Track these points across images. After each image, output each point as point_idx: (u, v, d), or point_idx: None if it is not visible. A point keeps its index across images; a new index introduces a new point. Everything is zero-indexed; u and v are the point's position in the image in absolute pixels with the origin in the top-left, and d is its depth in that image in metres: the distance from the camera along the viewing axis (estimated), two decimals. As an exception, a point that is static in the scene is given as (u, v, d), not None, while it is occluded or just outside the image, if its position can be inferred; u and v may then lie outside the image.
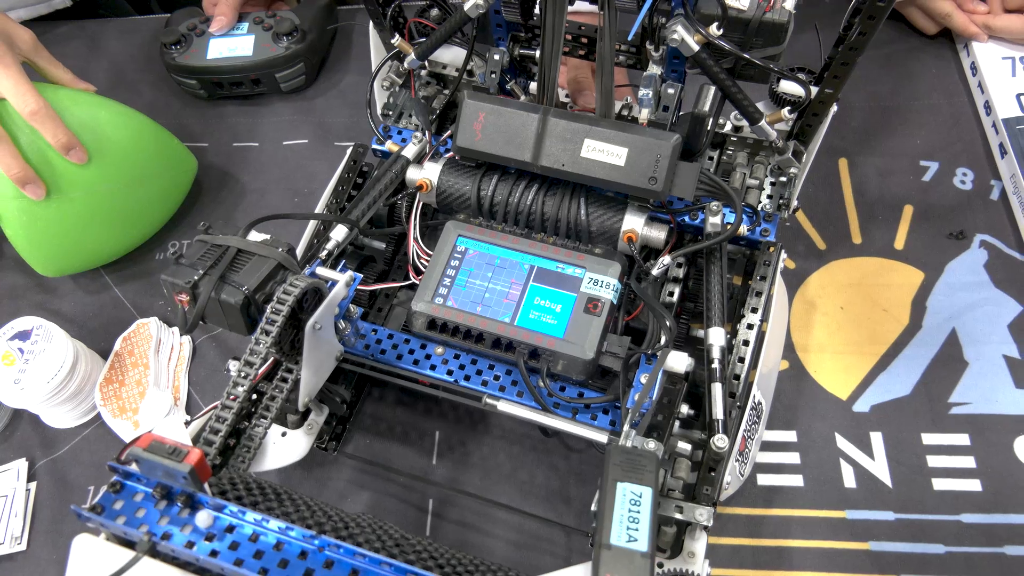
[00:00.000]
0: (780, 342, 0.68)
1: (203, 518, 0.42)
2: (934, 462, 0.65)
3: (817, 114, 0.62)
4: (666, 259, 0.59)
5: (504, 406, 0.57)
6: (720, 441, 0.52)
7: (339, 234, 0.63)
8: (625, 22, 0.56)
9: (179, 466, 0.41)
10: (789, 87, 0.61)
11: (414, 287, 0.63)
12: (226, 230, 0.54)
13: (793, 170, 0.64)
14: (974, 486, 0.64)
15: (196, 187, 0.88)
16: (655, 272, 0.59)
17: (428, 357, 0.60)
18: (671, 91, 0.59)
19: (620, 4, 0.56)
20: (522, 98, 0.69)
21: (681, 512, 0.51)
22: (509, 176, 0.63)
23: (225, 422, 0.48)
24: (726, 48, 0.54)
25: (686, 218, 0.63)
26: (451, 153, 0.65)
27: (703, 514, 0.50)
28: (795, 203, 0.65)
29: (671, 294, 0.64)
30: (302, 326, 0.50)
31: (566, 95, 0.75)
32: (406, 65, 0.70)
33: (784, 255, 0.63)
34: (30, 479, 0.72)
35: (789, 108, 0.61)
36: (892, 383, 0.69)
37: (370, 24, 0.73)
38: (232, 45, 0.91)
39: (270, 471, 0.60)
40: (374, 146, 0.73)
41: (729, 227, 0.60)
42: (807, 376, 0.70)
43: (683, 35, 0.54)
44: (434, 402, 0.72)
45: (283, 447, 0.60)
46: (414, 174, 0.65)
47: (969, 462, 0.65)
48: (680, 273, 0.64)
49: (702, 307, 0.60)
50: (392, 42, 0.70)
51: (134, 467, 0.43)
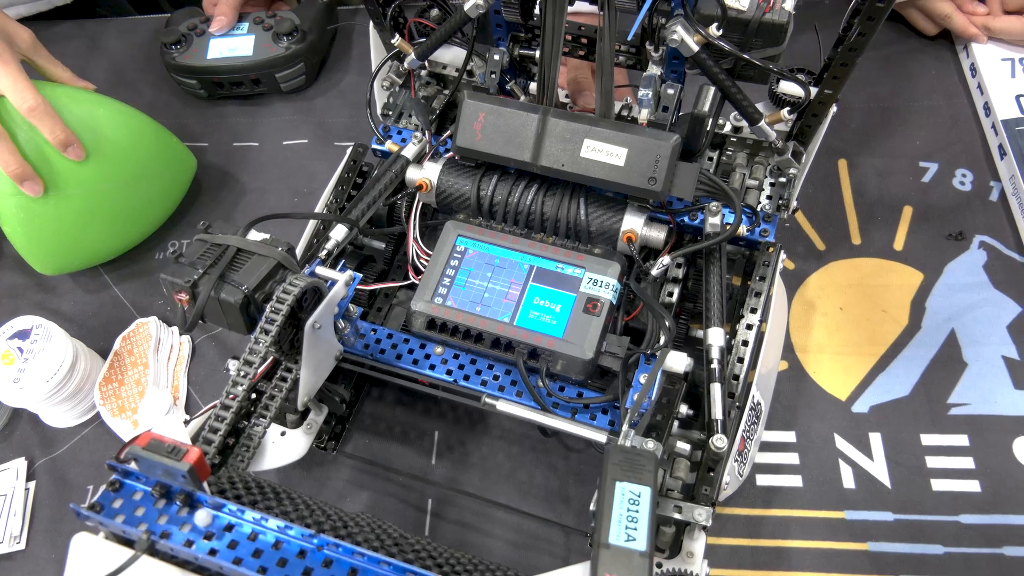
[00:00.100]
0: (779, 342, 0.68)
1: (202, 517, 0.42)
2: (933, 463, 0.65)
3: (816, 115, 0.62)
4: (665, 259, 0.60)
5: (503, 406, 0.57)
6: (719, 441, 0.52)
7: (339, 234, 0.63)
8: (625, 22, 0.56)
9: (178, 465, 0.41)
10: (789, 88, 0.61)
11: (414, 287, 0.63)
12: (226, 229, 0.54)
13: (792, 171, 0.64)
14: (973, 487, 0.64)
15: (196, 186, 0.88)
16: (654, 272, 0.59)
17: (427, 357, 0.60)
18: (671, 91, 0.59)
19: (620, 4, 0.56)
20: (522, 98, 0.69)
21: (680, 512, 0.51)
22: (509, 176, 0.63)
23: (224, 421, 0.48)
24: (726, 49, 0.54)
25: (685, 218, 0.63)
26: (451, 153, 0.65)
27: (702, 514, 0.50)
28: (794, 204, 0.65)
29: (670, 294, 0.64)
30: (301, 325, 0.50)
31: (566, 95, 0.75)
32: (406, 65, 0.70)
33: (783, 255, 0.63)
34: (29, 478, 0.72)
35: (789, 109, 0.61)
36: (891, 384, 0.69)
37: (370, 24, 0.73)
38: (232, 45, 0.92)
39: (269, 470, 0.59)
40: (374, 146, 0.73)
41: (728, 227, 0.60)
42: (806, 376, 0.70)
43: (683, 35, 0.54)
44: (433, 402, 0.72)
45: (282, 446, 0.60)
46: (414, 174, 0.65)
47: (968, 463, 0.65)
48: (679, 273, 0.64)
49: (701, 307, 0.60)
50: (392, 42, 0.70)
51: (133, 466, 0.43)
